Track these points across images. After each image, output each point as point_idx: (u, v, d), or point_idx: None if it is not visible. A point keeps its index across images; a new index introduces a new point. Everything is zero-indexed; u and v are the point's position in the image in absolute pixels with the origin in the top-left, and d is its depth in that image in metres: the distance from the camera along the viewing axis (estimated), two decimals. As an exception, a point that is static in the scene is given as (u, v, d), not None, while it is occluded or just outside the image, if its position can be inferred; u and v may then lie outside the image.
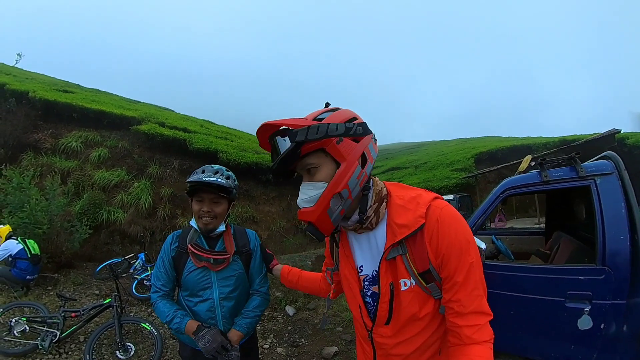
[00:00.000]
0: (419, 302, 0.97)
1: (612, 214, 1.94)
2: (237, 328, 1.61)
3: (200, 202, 1.57)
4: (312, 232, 0.93)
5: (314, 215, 0.91)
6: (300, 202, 0.95)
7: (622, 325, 1.87)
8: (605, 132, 11.99)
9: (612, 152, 2.20)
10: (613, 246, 1.89)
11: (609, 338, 1.88)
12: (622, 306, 1.85)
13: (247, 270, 1.72)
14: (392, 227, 0.96)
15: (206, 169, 1.59)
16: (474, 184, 14.35)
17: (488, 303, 0.94)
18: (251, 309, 1.68)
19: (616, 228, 1.91)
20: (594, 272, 1.89)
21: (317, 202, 0.91)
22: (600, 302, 1.86)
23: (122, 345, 3.63)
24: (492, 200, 2.28)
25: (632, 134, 14.35)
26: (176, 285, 1.70)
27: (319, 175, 0.92)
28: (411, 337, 1.00)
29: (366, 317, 1.06)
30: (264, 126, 0.94)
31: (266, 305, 1.77)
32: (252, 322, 1.66)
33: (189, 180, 1.55)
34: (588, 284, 1.89)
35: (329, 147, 0.90)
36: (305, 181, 0.95)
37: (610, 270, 1.86)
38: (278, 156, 0.91)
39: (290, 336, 4.30)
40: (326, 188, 0.91)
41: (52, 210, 5.80)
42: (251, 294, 1.75)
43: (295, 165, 0.96)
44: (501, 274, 2.11)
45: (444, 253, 0.91)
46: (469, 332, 0.90)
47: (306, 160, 0.93)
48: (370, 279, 1.04)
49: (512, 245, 3.75)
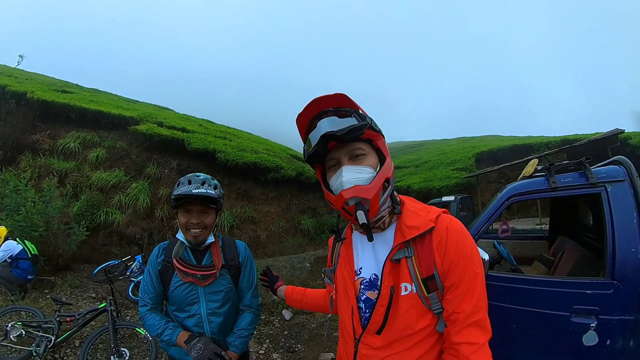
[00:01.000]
0: (417, 311, 0.93)
1: (623, 225, 1.84)
2: (232, 349, 1.56)
3: (187, 214, 1.50)
4: (364, 212, 0.90)
5: (372, 192, 0.90)
6: (349, 181, 0.92)
7: (629, 341, 1.79)
8: (608, 132, 11.89)
9: (623, 157, 2.10)
10: (623, 259, 1.79)
11: (614, 355, 1.80)
12: (630, 322, 1.77)
13: (236, 284, 1.65)
14: (402, 229, 0.96)
15: (192, 179, 1.51)
16: (474, 183, 14.29)
17: (488, 316, 0.92)
18: (244, 327, 1.62)
19: (627, 239, 1.81)
20: (602, 285, 1.80)
21: (373, 182, 0.92)
22: (608, 318, 1.77)
23: (116, 350, 3.57)
24: (497, 207, 2.19)
25: (635, 133, 14.26)
26: (164, 298, 1.63)
27: (366, 162, 0.95)
28: (400, 352, 0.94)
29: (357, 323, 1.00)
30: (339, 96, 0.94)
31: (258, 321, 1.72)
32: (246, 340, 1.62)
33: (178, 193, 1.48)
34: (595, 298, 1.80)
35: (379, 141, 0.98)
36: (350, 164, 0.94)
37: (620, 285, 1.77)
38: (340, 128, 0.90)
39: (286, 341, 4.24)
40: (379, 172, 0.94)
41: (49, 213, 5.75)
42: (242, 310, 1.68)
43: (330, 149, 0.96)
44: (502, 286, 2.03)
45: (452, 259, 0.91)
46: (468, 351, 0.87)
47: (358, 144, 0.95)
48: (367, 282, 1.00)
49: (515, 250, 3.66)
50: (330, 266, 1.20)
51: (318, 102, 0.94)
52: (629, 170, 1.93)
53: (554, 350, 1.93)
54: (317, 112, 0.96)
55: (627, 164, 1.96)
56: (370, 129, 0.94)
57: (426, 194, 13.47)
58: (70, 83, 16.90)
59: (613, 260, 1.80)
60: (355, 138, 0.93)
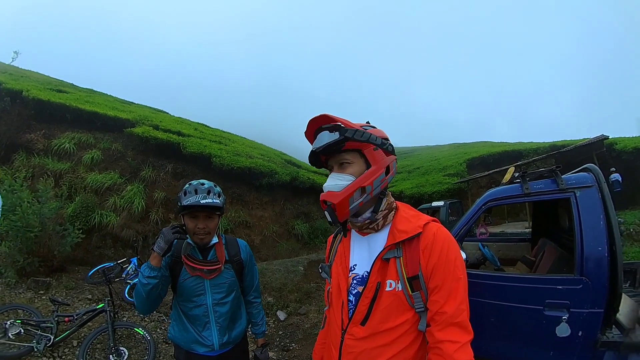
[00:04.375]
0: (398, 307, 1.04)
1: (591, 226, 2.02)
2: (260, 337, 1.99)
3: (194, 220, 1.68)
4: (329, 213, 1.05)
5: (338, 199, 1.04)
6: (327, 187, 1.09)
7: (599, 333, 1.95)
8: (594, 138, 12.28)
9: (592, 165, 2.29)
10: (591, 257, 1.97)
11: (587, 345, 1.97)
12: (599, 315, 1.94)
13: (239, 278, 1.84)
14: (394, 232, 1.09)
15: (198, 189, 1.65)
16: (466, 189, 14.54)
17: (470, 310, 1.03)
18: (260, 321, 2.00)
19: (595, 239, 1.99)
20: (572, 281, 1.97)
21: (343, 189, 1.05)
22: (578, 311, 1.94)
23: (115, 350, 3.63)
24: (475, 211, 2.38)
25: (620, 139, 14.66)
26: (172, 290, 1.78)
27: (349, 170, 1.09)
28: (381, 346, 1.04)
29: (345, 315, 1.12)
30: (322, 117, 1.08)
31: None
32: (264, 328, 2.02)
33: (187, 203, 1.62)
34: (566, 293, 1.97)
35: (366, 150, 1.09)
36: (335, 172, 1.11)
37: (588, 280, 1.94)
38: (319, 145, 1.07)
39: (281, 341, 4.35)
40: (355, 180, 1.06)
41: (44, 214, 5.76)
42: (249, 303, 1.94)
43: (327, 158, 1.13)
44: (482, 283, 2.20)
45: (436, 262, 1.02)
46: (451, 348, 0.96)
47: (344, 155, 1.09)
48: (360, 278, 1.12)
49: (499, 252, 3.84)
50: (327, 262, 1.33)
51: (312, 121, 1.10)
52: (597, 177, 2.11)
53: (530, 341, 2.09)
54: (315, 128, 1.11)
55: (596, 171, 2.15)
56: (353, 140, 1.05)
57: (418, 199, 13.68)
58: (65, 82, 16.77)
59: (582, 258, 1.98)
60: (338, 150, 1.08)
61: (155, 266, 1.55)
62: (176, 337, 1.73)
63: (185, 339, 1.69)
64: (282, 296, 5.65)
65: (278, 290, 5.88)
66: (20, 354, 3.61)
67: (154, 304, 1.64)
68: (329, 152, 1.10)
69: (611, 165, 11.77)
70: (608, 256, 1.95)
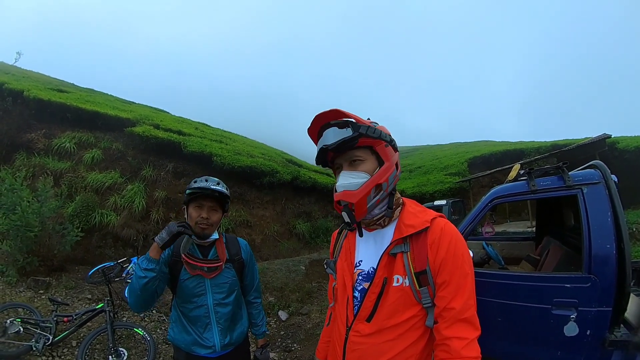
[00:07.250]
0: (404, 302, 1.01)
1: (598, 223, 1.98)
2: (260, 337, 1.97)
3: (199, 209, 1.65)
4: (347, 214, 1.02)
5: (357, 197, 1.01)
6: (341, 186, 1.05)
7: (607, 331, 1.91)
8: (596, 137, 12.21)
9: (599, 162, 2.25)
10: (599, 254, 1.93)
11: (595, 344, 1.92)
12: (607, 313, 1.90)
13: (240, 277, 1.80)
14: (400, 227, 1.07)
15: (209, 179, 1.67)
16: (467, 188, 14.51)
17: (477, 309, 1.00)
18: (260, 321, 1.97)
19: (602, 237, 1.95)
20: (580, 280, 1.93)
21: (360, 187, 1.02)
22: (586, 309, 1.90)
23: (114, 351, 3.60)
24: (481, 208, 2.33)
25: (622, 138, 14.59)
26: (172, 292, 1.74)
27: (362, 167, 1.05)
28: (387, 341, 1.02)
29: (350, 311, 1.09)
30: (333, 112, 1.02)
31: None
32: (265, 329, 2.00)
33: (195, 187, 1.62)
34: (574, 291, 1.92)
35: (378, 147, 1.06)
36: (347, 170, 1.07)
37: (596, 278, 1.90)
38: (333, 142, 1.02)
39: (282, 341, 4.31)
40: (371, 178, 1.03)
41: (44, 213, 5.74)
42: (249, 304, 1.92)
43: (334, 156, 1.09)
44: (489, 282, 2.15)
45: (444, 257, 1.00)
46: (459, 345, 0.94)
47: (355, 152, 1.05)
48: (365, 274, 1.10)
49: (503, 251, 3.80)
50: (332, 258, 1.30)
51: (320, 116, 1.05)
52: (604, 174, 2.07)
53: (538, 340, 2.05)
54: (322, 124, 1.06)
55: (603, 168, 2.11)
56: (366, 137, 1.02)
57: (420, 198, 13.63)
58: (65, 82, 16.80)
59: (590, 256, 1.93)
60: (351, 147, 1.04)
61: (154, 258, 1.50)
62: (176, 338, 1.69)
63: (186, 341, 1.65)
64: (284, 296, 5.61)
65: (279, 290, 5.85)
66: (19, 353, 3.59)
67: (147, 301, 1.56)
68: (341, 149, 1.05)
69: (613, 164, 11.71)
70: (616, 253, 1.91)
